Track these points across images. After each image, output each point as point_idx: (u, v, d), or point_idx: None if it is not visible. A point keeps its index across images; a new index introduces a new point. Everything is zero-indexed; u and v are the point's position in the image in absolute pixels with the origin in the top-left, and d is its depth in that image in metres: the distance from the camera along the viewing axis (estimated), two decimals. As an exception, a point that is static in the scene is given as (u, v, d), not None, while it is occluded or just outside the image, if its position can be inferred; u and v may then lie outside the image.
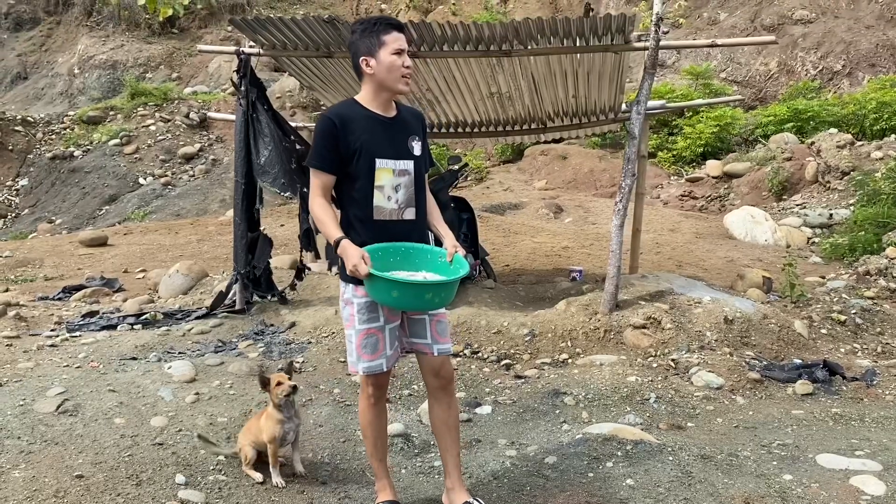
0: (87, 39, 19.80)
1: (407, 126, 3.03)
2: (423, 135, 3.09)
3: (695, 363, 5.01)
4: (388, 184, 2.94)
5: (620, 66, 6.15)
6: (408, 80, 2.94)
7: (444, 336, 3.05)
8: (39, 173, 14.76)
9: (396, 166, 2.95)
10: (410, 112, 3.14)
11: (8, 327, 5.85)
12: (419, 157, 3.02)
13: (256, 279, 6.35)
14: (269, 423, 3.43)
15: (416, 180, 3.01)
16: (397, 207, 2.97)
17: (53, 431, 3.74)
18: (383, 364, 2.99)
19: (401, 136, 2.99)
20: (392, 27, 2.91)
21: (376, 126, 2.94)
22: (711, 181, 13.70)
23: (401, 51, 2.89)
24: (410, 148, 2.99)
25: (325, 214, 2.91)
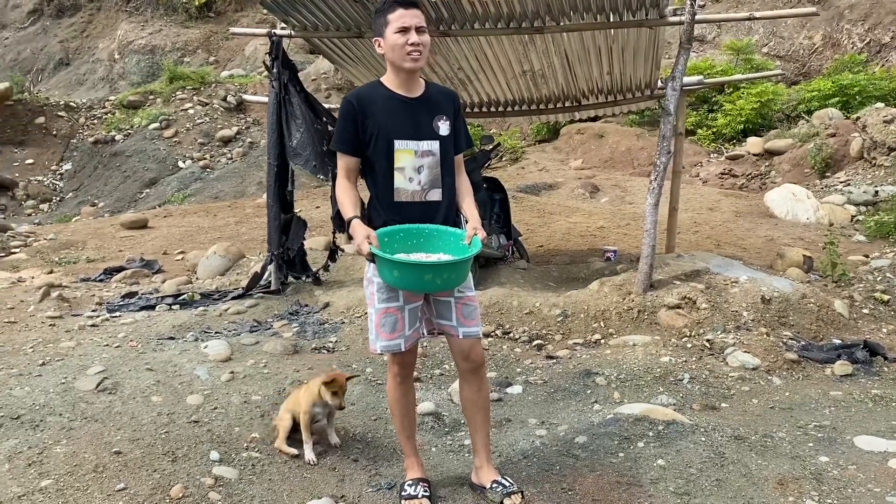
0: (127, 25, 20.07)
1: (434, 106, 2.97)
2: (455, 114, 3.02)
3: (730, 343, 4.93)
4: (408, 165, 2.92)
5: (656, 42, 6.03)
6: (415, 57, 2.86)
7: (471, 319, 3.01)
8: (82, 157, 15.06)
9: (419, 147, 2.92)
10: (441, 91, 3.08)
11: (51, 308, 6.01)
12: (446, 137, 2.97)
13: (291, 260, 6.42)
14: (306, 396, 3.51)
15: (443, 161, 2.96)
16: (420, 189, 2.95)
17: (93, 409, 3.84)
18: (401, 344, 2.99)
19: (425, 116, 2.95)
20: (398, 5, 2.86)
21: (397, 106, 2.92)
22: (752, 159, 13.39)
23: (405, 28, 2.83)
24: (436, 128, 2.95)
25: (343, 195, 2.95)
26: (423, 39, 2.86)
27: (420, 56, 2.87)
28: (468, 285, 3.02)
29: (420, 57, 2.88)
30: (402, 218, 2.94)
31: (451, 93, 3.13)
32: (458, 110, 3.05)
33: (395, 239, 2.88)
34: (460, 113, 3.06)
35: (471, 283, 3.03)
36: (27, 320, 5.73)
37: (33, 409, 3.78)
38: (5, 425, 3.61)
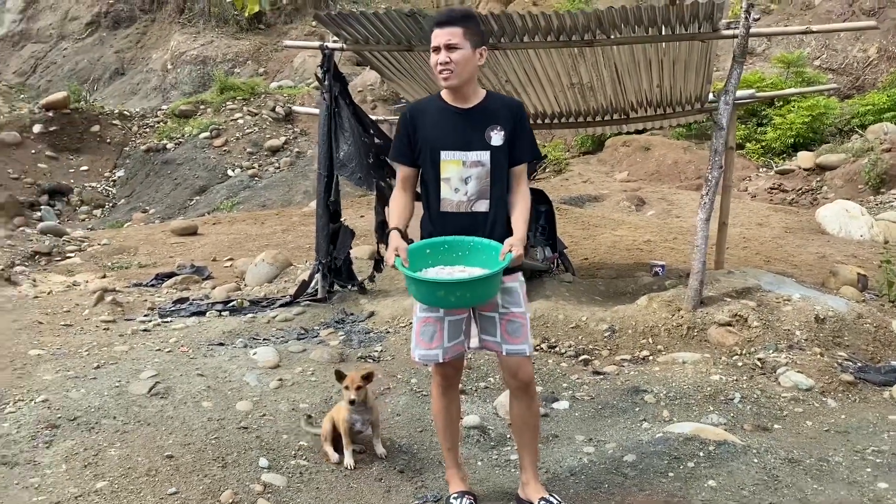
0: (180, 36, 20.56)
1: (488, 116, 2.95)
2: (514, 124, 2.96)
3: (783, 363, 4.82)
4: (454, 175, 2.94)
5: (708, 55, 5.95)
6: (445, 76, 2.88)
7: (516, 336, 2.96)
8: (134, 165, 15.44)
9: (467, 158, 2.92)
10: (502, 101, 3.04)
11: (105, 312, 6.17)
12: (498, 147, 2.93)
13: (337, 269, 6.48)
14: (342, 408, 3.55)
15: (493, 172, 2.94)
16: (466, 199, 2.95)
17: (146, 412, 3.92)
18: (439, 355, 3.00)
19: (477, 126, 2.94)
20: (435, 24, 2.93)
21: (447, 118, 2.96)
22: (803, 173, 13.12)
23: (436, 48, 2.89)
24: (487, 138, 2.93)
25: (393, 204, 3.06)
26: (453, 57, 2.86)
27: (451, 74, 2.88)
28: (515, 301, 2.96)
29: (451, 75, 2.88)
30: (447, 229, 2.95)
31: (513, 103, 3.08)
32: (521, 120, 2.99)
33: (437, 250, 2.90)
34: (523, 123, 3.00)
35: (519, 300, 2.98)
36: (82, 323, 5.88)
37: (89, 412, 3.87)
38: (62, 426, 3.71)
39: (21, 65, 20.92)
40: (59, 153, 15.22)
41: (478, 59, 2.93)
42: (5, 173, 14.04)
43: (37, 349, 5.05)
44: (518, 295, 2.98)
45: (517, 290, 2.98)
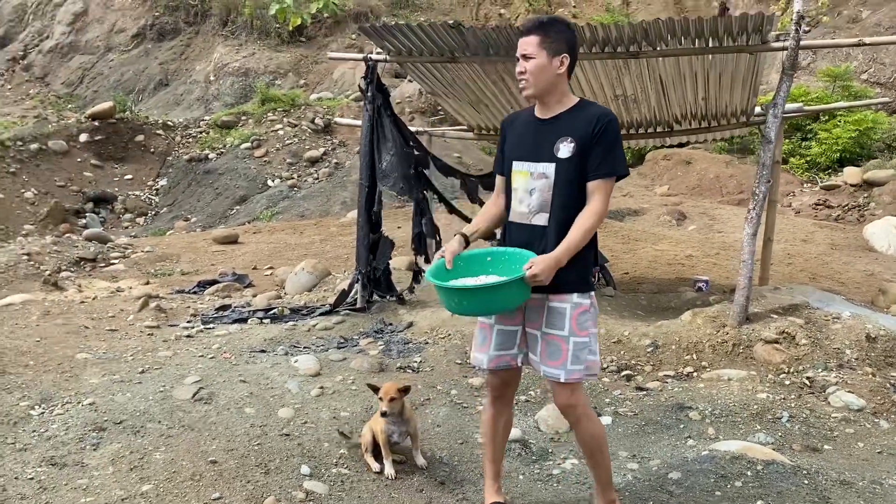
0: (223, 48, 20.92)
1: (562, 127, 2.85)
2: (591, 137, 2.79)
3: (832, 382, 4.70)
4: (521, 186, 2.91)
5: (755, 68, 5.86)
6: (522, 86, 2.89)
7: (553, 359, 2.85)
8: (177, 174, 15.71)
9: (534, 169, 2.87)
10: (585, 112, 2.87)
11: (150, 318, 6.26)
12: (564, 160, 2.82)
13: (377, 279, 6.49)
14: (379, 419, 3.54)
15: (556, 185, 2.84)
16: (528, 211, 2.91)
17: (190, 417, 3.95)
18: (483, 360, 2.98)
19: (549, 137, 2.86)
20: (521, 33, 2.91)
21: (527, 128, 2.96)
22: (849, 189, 12.85)
23: (518, 57, 2.89)
24: (555, 150, 2.84)
25: (482, 211, 3.14)
26: (527, 66, 2.84)
27: (526, 84, 2.87)
28: (558, 323, 2.85)
29: (526, 85, 2.86)
30: (512, 240, 2.94)
31: (596, 114, 2.84)
32: (599, 133, 2.80)
33: (499, 259, 2.91)
34: (601, 136, 2.80)
35: (564, 322, 2.85)
36: (127, 329, 5.97)
37: (134, 415, 3.92)
38: (109, 429, 3.76)
39: (69, 75, 21.46)
40: (104, 162, 15.57)
41: (557, 68, 2.84)
42: (52, 181, 14.39)
43: (83, 353, 5.14)
44: (564, 317, 2.85)
45: (566, 312, 2.85)
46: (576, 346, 2.85)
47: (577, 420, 2.97)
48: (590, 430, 2.98)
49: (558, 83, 2.88)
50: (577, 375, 2.87)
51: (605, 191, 2.83)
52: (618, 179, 2.90)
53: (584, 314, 2.88)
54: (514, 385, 3.18)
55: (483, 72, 6.37)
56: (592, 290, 2.95)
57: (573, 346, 2.85)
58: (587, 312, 2.89)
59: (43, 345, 5.27)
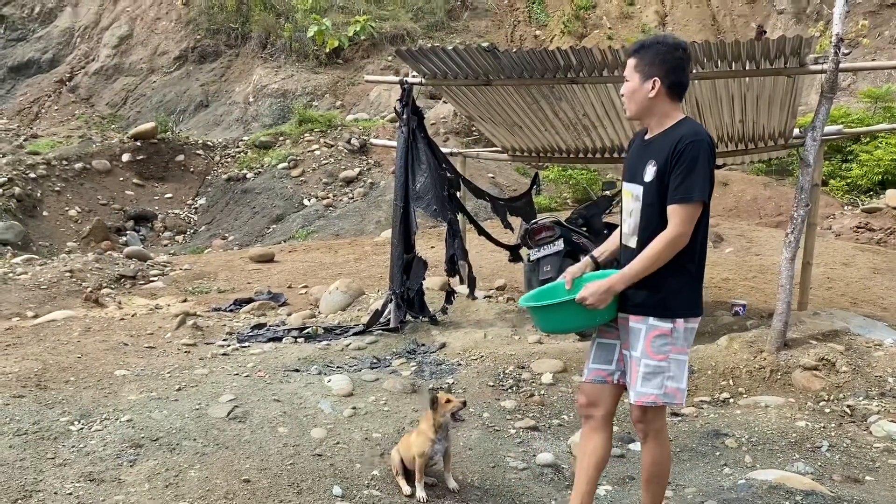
0: (262, 70, 21.32)
1: (653, 150, 2.86)
2: (670, 160, 2.75)
3: (874, 411, 4.58)
4: (625, 206, 2.98)
5: (793, 90, 5.81)
6: (624, 107, 3.01)
7: (630, 379, 2.89)
8: (216, 193, 16.00)
9: (634, 191, 2.91)
10: (674, 134, 2.82)
11: (187, 335, 6.35)
12: (648, 183, 2.82)
13: (410, 299, 6.52)
14: (420, 439, 3.54)
15: (644, 208, 2.85)
16: (627, 232, 2.97)
17: (224, 436, 4.00)
18: (586, 372, 3.05)
19: (643, 159, 2.89)
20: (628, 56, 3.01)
21: (636, 149, 3.01)
22: (892, 212, 12.57)
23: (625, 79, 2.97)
24: (644, 173, 2.85)
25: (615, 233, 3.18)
26: (624, 89, 2.96)
27: (625, 105, 2.98)
28: (632, 344, 2.85)
29: (625, 106, 2.97)
30: (620, 261, 2.98)
31: (681, 136, 2.78)
32: (678, 155, 2.74)
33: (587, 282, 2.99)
34: (680, 159, 2.74)
35: (637, 343, 2.84)
36: (165, 346, 6.07)
37: (170, 433, 3.98)
38: (146, 446, 3.81)
39: (113, 97, 22.03)
40: (145, 181, 15.92)
41: (648, 91, 2.84)
42: (95, 199, 14.75)
43: (122, 369, 5.23)
44: (639, 338, 2.83)
45: (640, 333, 2.83)
46: (647, 369, 2.82)
47: (644, 440, 2.99)
48: (655, 455, 2.95)
49: (653, 106, 2.87)
50: (647, 399, 2.82)
51: (680, 216, 2.74)
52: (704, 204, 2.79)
53: (660, 337, 2.81)
54: (603, 406, 2.99)
55: (517, 94, 6.40)
56: (682, 315, 2.82)
57: (644, 368, 2.82)
58: (666, 336, 2.81)
59: (83, 361, 5.38)
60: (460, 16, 23.21)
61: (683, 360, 2.85)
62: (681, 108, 2.91)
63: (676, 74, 2.85)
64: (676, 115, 2.88)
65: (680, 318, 2.81)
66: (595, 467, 2.99)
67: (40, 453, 3.69)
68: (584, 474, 3.00)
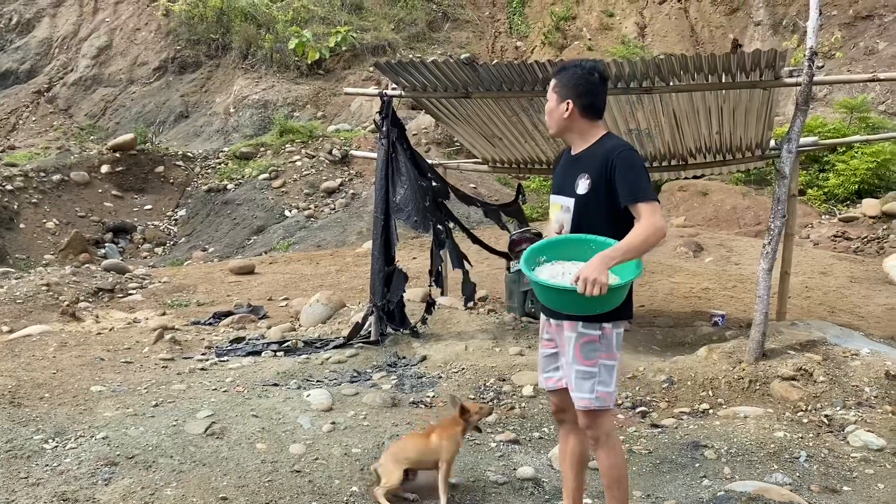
0: (242, 81, 21.27)
1: (582, 164, 2.98)
2: (604, 171, 2.86)
3: (851, 421, 4.61)
4: (554, 217, 3.09)
5: (769, 102, 5.87)
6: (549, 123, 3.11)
7: (577, 389, 2.94)
8: (196, 204, 15.91)
9: (564, 203, 3.02)
10: (603, 147, 2.94)
11: (165, 350, 6.29)
12: (581, 195, 2.93)
13: (390, 312, 6.50)
14: (450, 444, 3.62)
15: (575, 219, 2.95)
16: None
17: (202, 452, 3.95)
18: (541, 380, 3.20)
19: (572, 173, 3.01)
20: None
21: (563, 164, 3.13)
22: (868, 221, 12.75)
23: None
24: (575, 186, 2.96)
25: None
26: (546, 107, 3.12)
27: (546, 122, 3.14)
28: (566, 351, 2.94)
29: (547, 123, 3.14)
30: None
31: (612, 148, 2.91)
32: (615, 165, 2.85)
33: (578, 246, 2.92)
34: (617, 167, 2.84)
35: (570, 350, 2.93)
36: (142, 361, 6.00)
37: (146, 450, 3.92)
38: (121, 464, 3.76)
39: (92, 107, 21.86)
40: (124, 192, 15.80)
41: (564, 112, 2.99)
42: (73, 211, 14.61)
43: (98, 385, 5.17)
44: (570, 346, 2.94)
45: (571, 340, 2.93)
46: (579, 374, 2.93)
47: (595, 446, 3.02)
48: (609, 459, 3.01)
49: (570, 125, 3.03)
50: (584, 403, 2.93)
51: (646, 210, 2.80)
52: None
53: (589, 344, 2.91)
54: (570, 410, 3.08)
55: (497, 107, 6.43)
56: (610, 321, 2.90)
57: (576, 374, 2.94)
58: (595, 343, 2.91)
59: (59, 377, 5.31)
60: (441, 27, 23.30)
61: (612, 365, 2.96)
62: (602, 125, 3.05)
63: (589, 97, 2.98)
64: (597, 132, 3.02)
65: (608, 323, 2.91)
66: (579, 464, 3.22)
67: (13, 472, 3.63)
68: (571, 472, 3.22)
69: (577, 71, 3.01)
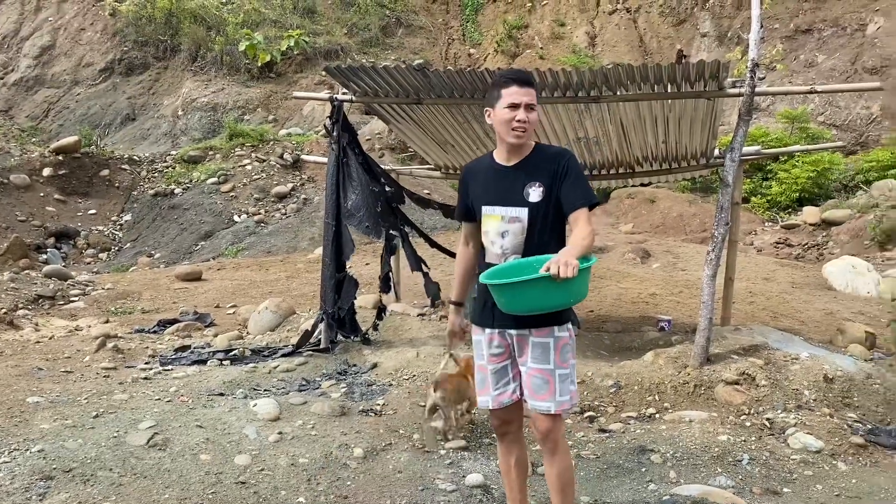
0: (191, 83, 20.87)
1: (529, 172, 2.99)
2: (557, 176, 2.95)
3: (791, 424, 4.74)
4: (492, 230, 3.02)
5: (713, 112, 6.00)
6: (518, 134, 2.95)
7: (540, 393, 2.99)
8: (142, 209, 15.53)
9: (506, 213, 2.99)
10: (545, 155, 3.03)
11: (107, 359, 6.12)
12: (535, 203, 2.96)
13: (341, 319, 6.43)
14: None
15: (529, 228, 2.97)
16: (501, 252, 3.01)
17: (143, 465, 3.85)
18: (488, 401, 3.11)
19: (518, 183, 2.99)
20: (513, 81, 2.97)
21: (493, 175, 3.07)
22: (808, 228, 13.15)
23: (515, 105, 2.93)
24: (525, 195, 2.97)
25: (457, 267, 3.30)
26: (530, 117, 2.96)
27: (524, 133, 2.97)
28: (543, 357, 2.98)
29: (524, 134, 2.97)
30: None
31: (557, 155, 3.02)
32: (565, 170, 2.96)
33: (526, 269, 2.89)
34: (568, 172, 2.95)
35: (548, 356, 2.97)
36: (83, 370, 5.83)
37: (85, 463, 3.81)
38: (57, 478, 3.64)
39: (34, 109, 21.19)
40: (67, 196, 15.35)
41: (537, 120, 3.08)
42: (13, 216, 14.13)
43: (35, 396, 5.00)
44: (549, 350, 2.98)
45: (549, 345, 2.98)
46: (560, 378, 2.99)
47: (555, 450, 3.05)
48: (565, 462, 3.08)
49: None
50: (565, 406, 3.01)
51: (587, 217, 2.92)
52: (591, 208, 2.97)
53: (566, 346, 3.01)
54: (516, 421, 3.19)
55: (448, 113, 6.43)
56: (568, 321, 3.03)
57: (558, 378, 2.99)
58: (568, 344, 3.02)
59: (-7, 388, 5.12)
60: (395, 32, 23.26)
61: (574, 363, 3.09)
62: None
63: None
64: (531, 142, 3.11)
65: (573, 324, 3.07)
66: (525, 473, 3.28)
67: (-59, 489, 3.48)
68: (518, 482, 3.24)
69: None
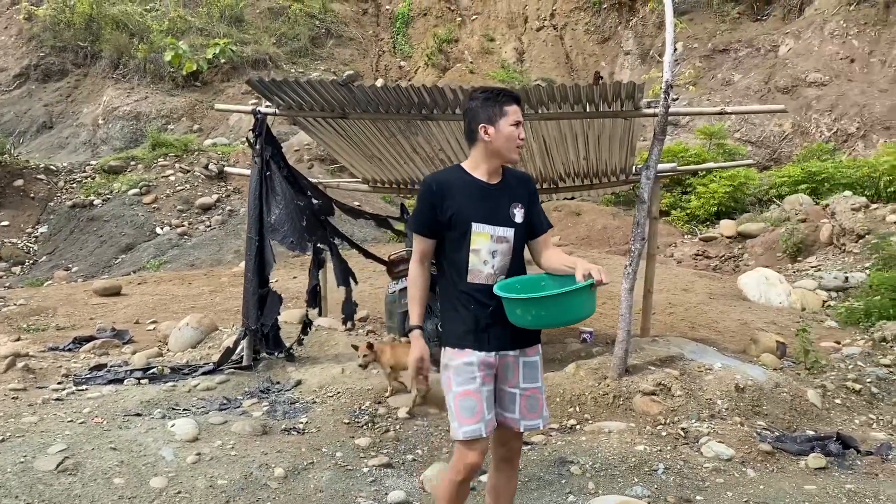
0: (113, 91, 20.24)
1: (511, 193, 3.02)
2: (530, 199, 3.05)
3: (705, 433, 4.91)
4: (484, 248, 2.94)
5: (631, 130, 6.20)
6: (520, 150, 3.01)
7: (533, 412, 3.03)
8: (59, 221, 14.95)
9: (495, 232, 2.96)
10: (516, 177, 3.09)
11: (15, 379, 5.86)
12: (520, 224, 3.00)
13: (265, 335, 6.34)
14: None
15: (515, 248, 3.00)
16: (493, 272, 2.95)
17: (52, 491, 3.71)
18: (482, 428, 2.88)
19: (503, 202, 2.99)
20: (513, 100, 2.98)
21: (477, 191, 2.97)
22: (725, 241, 13.65)
23: (518, 123, 2.97)
24: (512, 215, 2.99)
25: (414, 288, 3.06)
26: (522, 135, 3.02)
27: (521, 150, 3.05)
28: (535, 376, 3.02)
29: (520, 151, 3.04)
30: (473, 300, 2.94)
31: (525, 178, 3.14)
32: (534, 194, 3.09)
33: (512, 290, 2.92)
34: (536, 196, 3.10)
35: (538, 375, 3.04)
36: (-11, 392, 5.57)
37: (-12, 491, 3.64)
38: (-43, 508, 3.47)
39: (-58, 115, 20.22)
40: (-23, 207, 14.66)
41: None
42: (-83, 228, 13.42)
43: (-64, 421, 4.75)
44: (537, 369, 3.04)
45: (537, 363, 3.04)
46: (544, 393, 3.10)
47: (515, 467, 3.17)
48: (516, 480, 3.18)
49: None
50: (547, 420, 3.12)
51: (550, 239, 3.11)
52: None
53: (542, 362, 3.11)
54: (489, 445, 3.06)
55: (374, 128, 6.45)
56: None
57: (544, 394, 3.09)
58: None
59: None
60: (325, 43, 23.13)
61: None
62: None
63: None
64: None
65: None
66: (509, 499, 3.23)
67: None
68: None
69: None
